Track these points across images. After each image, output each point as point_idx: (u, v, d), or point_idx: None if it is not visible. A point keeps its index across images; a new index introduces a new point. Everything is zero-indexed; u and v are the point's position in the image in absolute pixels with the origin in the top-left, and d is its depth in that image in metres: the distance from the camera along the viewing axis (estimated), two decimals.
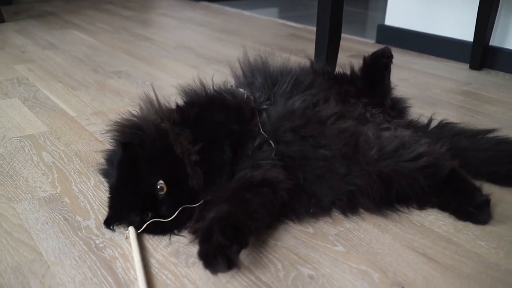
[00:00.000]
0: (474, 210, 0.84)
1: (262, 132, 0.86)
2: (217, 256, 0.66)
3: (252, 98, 0.92)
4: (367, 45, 2.21)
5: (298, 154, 0.85)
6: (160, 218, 0.79)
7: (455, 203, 0.86)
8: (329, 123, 0.89)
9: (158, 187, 0.78)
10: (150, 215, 0.79)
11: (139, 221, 0.79)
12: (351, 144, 0.86)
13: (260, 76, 0.98)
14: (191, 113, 0.87)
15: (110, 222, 0.81)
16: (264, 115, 0.89)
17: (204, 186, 0.80)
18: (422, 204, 0.88)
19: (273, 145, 0.85)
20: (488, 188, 0.94)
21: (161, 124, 0.84)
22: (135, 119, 0.87)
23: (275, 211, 0.82)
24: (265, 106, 0.91)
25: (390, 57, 1.15)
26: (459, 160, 0.90)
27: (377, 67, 1.15)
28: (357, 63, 1.19)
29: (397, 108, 1.17)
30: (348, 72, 1.19)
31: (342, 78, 1.17)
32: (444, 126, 1.08)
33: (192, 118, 0.86)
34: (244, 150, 0.85)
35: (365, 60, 1.17)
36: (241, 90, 0.95)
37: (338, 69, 1.25)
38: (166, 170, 0.80)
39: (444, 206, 0.88)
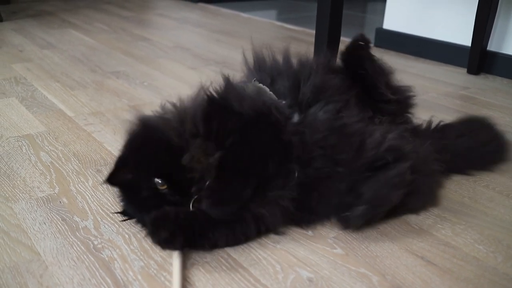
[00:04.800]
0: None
1: (295, 168, 0.79)
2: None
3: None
4: None
5: (317, 175, 0.81)
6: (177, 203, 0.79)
7: None
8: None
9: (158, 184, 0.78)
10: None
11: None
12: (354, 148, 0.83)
13: (282, 80, 0.88)
14: (229, 136, 0.77)
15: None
16: (296, 138, 0.80)
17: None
18: None
19: (296, 174, 0.79)
20: (488, 194, 0.95)
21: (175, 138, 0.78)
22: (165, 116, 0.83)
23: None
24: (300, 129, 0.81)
25: (364, 46, 1.01)
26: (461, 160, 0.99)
27: (356, 63, 1.01)
28: None
29: (401, 101, 1.07)
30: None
31: (360, 79, 1.01)
32: (442, 128, 1.08)
33: (228, 141, 0.77)
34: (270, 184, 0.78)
35: (341, 58, 1.04)
36: (281, 101, 0.85)
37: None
38: (162, 169, 0.79)
39: None
